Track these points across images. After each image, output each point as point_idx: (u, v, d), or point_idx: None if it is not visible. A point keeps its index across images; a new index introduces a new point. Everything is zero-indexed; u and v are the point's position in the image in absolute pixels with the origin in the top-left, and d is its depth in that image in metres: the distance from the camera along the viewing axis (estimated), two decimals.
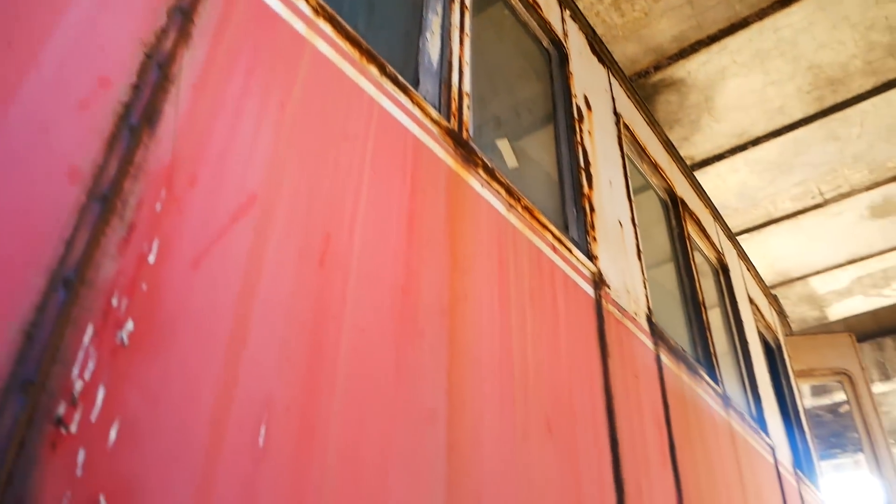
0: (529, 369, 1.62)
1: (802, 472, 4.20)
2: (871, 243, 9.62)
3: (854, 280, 10.42)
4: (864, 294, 10.77)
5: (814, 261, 9.90)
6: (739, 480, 2.83)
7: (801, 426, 4.71)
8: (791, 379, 4.99)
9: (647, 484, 2.02)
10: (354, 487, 1.05)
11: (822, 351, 5.59)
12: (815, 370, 5.54)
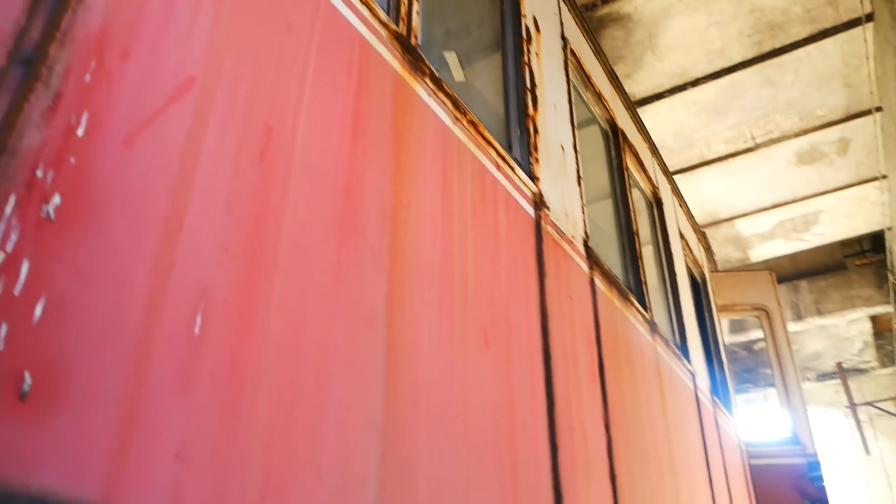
0: (469, 281, 1.63)
1: (719, 399, 4.42)
2: (794, 189, 9.97)
3: (777, 224, 10.82)
4: (784, 238, 11.22)
5: (741, 203, 10.22)
6: (661, 401, 2.95)
7: (719, 357, 4.93)
8: (713, 312, 5.20)
9: (577, 399, 2.08)
10: (292, 382, 1.04)
11: (743, 287, 5.82)
12: (736, 305, 5.78)
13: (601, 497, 2.09)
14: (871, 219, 10.82)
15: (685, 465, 3.09)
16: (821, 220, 10.76)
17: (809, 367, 16.29)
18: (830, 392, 16.84)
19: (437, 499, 1.30)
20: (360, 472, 1.13)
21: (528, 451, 1.70)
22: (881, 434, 15.96)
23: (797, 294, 12.73)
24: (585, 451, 2.05)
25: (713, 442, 3.77)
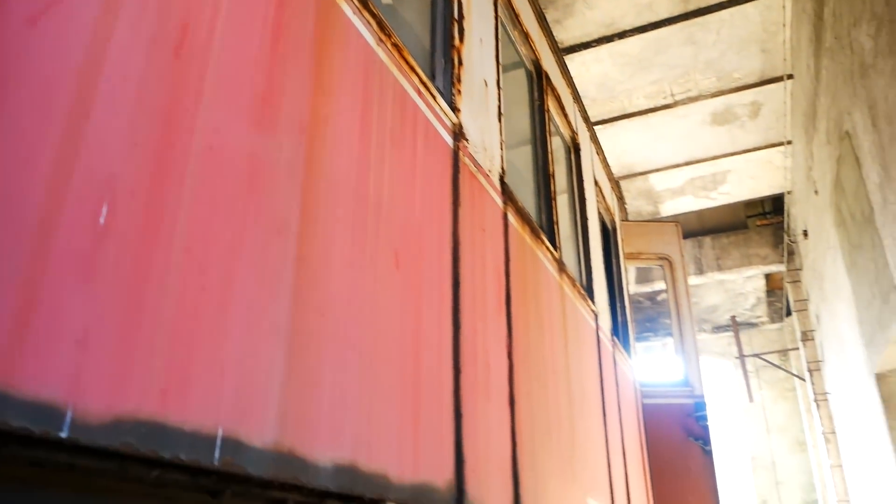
0: (383, 202, 1.65)
1: (618, 339, 4.64)
2: (707, 148, 10.33)
3: (687, 181, 11.23)
4: (694, 195, 11.66)
5: (656, 158, 10.53)
6: (563, 336, 3.09)
7: (623, 302, 5.16)
8: (621, 259, 5.41)
9: (482, 326, 2.15)
10: (199, 282, 1.05)
11: (650, 237, 6.06)
12: (643, 254, 6.02)
13: (500, 419, 2.19)
14: (774, 182, 11.35)
15: (581, 396, 3.25)
16: (728, 179, 11.22)
17: (706, 320, 17.18)
18: (723, 343, 17.85)
19: (340, 407, 1.34)
20: (264, 375, 1.16)
21: (432, 370, 1.76)
22: (765, 384, 17.08)
23: (701, 249, 13.32)
24: (487, 375, 2.13)
25: (609, 378, 3.97)
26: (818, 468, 13.91)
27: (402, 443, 1.55)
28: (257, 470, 1.10)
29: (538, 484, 2.43)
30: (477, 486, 1.93)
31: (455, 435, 1.83)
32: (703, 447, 5.33)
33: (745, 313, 16.72)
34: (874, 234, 5.99)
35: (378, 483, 1.43)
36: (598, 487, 3.28)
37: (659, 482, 5.09)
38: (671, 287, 5.91)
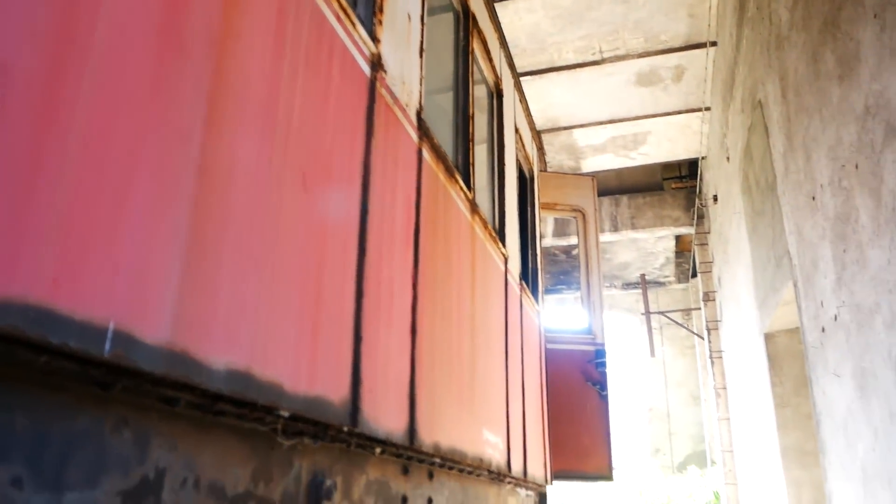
0: (293, 124, 1.67)
1: (527, 285, 4.80)
2: (630, 108, 10.57)
3: (609, 139, 11.48)
4: (615, 153, 11.95)
5: (581, 114, 10.70)
6: (471, 275, 3.18)
7: (535, 250, 5.32)
8: (536, 208, 5.55)
9: (388, 255, 2.21)
10: (96, 178, 1.06)
11: (566, 189, 6.23)
12: (558, 204, 6.19)
13: (400, 346, 2.27)
14: (691, 146, 11.74)
15: (485, 334, 3.38)
16: (648, 141, 11.54)
17: (618, 276, 17.80)
18: (632, 300, 18.58)
19: (237, 315, 1.38)
20: (160, 276, 1.18)
21: (334, 291, 1.81)
22: (667, 341, 17.92)
23: (617, 208, 13.72)
24: (391, 303, 2.20)
25: (514, 320, 4.12)
26: (708, 421, 14.79)
27: (298, 357, 1.61)
28: (149, 365, 1.13)
29: (435, 411, 2.54)
30: (373, 406, 2.01)
31: (353, 355, 1.90)
32: (599, 392, 5.61)
33: (654, 272, 17.40)
34: (775, 201, 6.32)
35: (272, 392, 1.49)
36: (494, 421, 3.44)
37: (556, 422, 5.35)
38: (582, 239, 6.11)
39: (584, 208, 6.17)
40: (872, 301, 3.79)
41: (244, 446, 1.53)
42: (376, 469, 2.20)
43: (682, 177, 13.64)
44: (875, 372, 3.85)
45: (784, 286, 6.21)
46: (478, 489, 3.36)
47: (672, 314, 16.13)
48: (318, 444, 1.79)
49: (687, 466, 15.16)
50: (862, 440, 4.22)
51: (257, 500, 1.57)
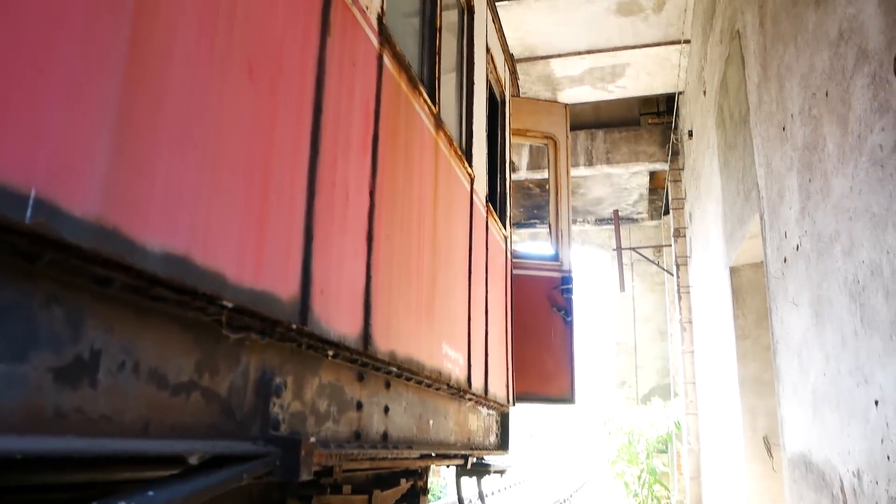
0: (239, 7, 1.60)
1: (495, 209, 4.79)
2: (609, 38, 10.41)
3: (587, 70, 11.34)
4: (592, 85, 11.83)
5: (559, 43, 10.53)
6: (433, 190, 3.16)
7: (504, 174, 5.29)
8: (507, 132, 5.49)
9: (344, 159, 2.17)
10: (12, 42, 1.01)
11: (538, 116, 6.17)
12: (530, 131, 6.14)
13: (355, 252, 2.25)
14: (669, 81, 11.65)
15: (447, 251, 3.38)
16: (626, 73, 11.42)
17: (591, 211, 17.88)
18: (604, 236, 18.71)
19: (174, 198, 1.35)
20: (87, 150, 1.14)
21: (283, 186, 1.78)
22: (637, 277, 18.15)
23: (593, 142, 13.67)
24: (345, 207, 2.18)
25: (479, 241, 4.12)
26: (674, 354, 15.14)
27: (243, 248, 1.58)
28: (75, 238, 1.10)
29: (391, 320, 2.55)
30: (324, 307, 2.00)
31: (304, 254, 1.88)
32: (564, 318, 5.69)
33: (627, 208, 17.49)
34: (747, 134, 6.32)
35: (214, 281, 1.47)
36: (455, 337, 3.47)
37: (521, 345, 5.42)
38: (553, 166, 6.09)
39: (556, 135, 6.13)
40: (833, 229, 3.84)
41: (187, 336, 1.52)
42: (330, 373, 2.21)
43: (659, 112, 13.59)
44: (831, 299, 3.92)
45: (751, 219, 6.27)
46: (437, 403, 3.41)
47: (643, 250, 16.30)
48: (267, 341, 1.79)
49: (651, 398, 15.58)
50: (814, 366, 4.34)
51: (202, 391, 1.57)
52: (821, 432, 4.28)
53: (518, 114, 6.07)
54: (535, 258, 5.86)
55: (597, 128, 13.81)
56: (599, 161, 13.56)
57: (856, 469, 3.63)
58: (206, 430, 1.57)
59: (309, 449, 1.79)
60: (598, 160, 13.56)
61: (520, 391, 5.38)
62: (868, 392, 3.37)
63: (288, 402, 1.93)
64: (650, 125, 13.64)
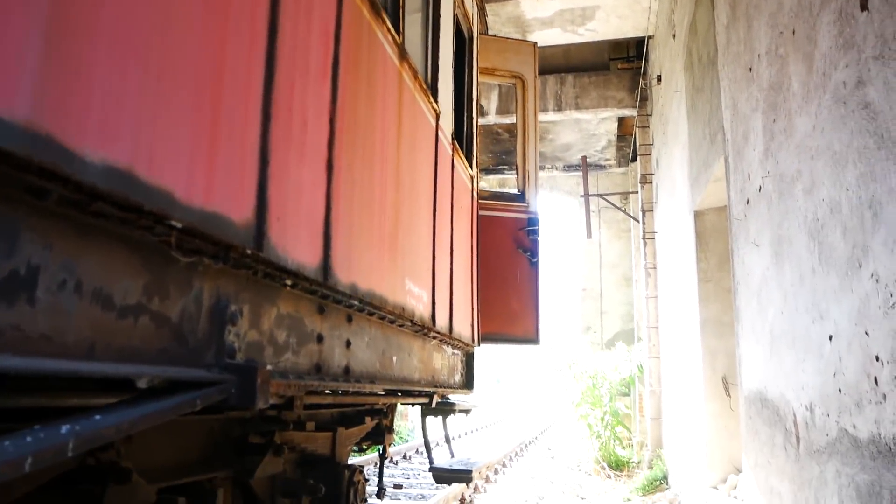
0: None
1: (461, 147, 4.72)
2: None
3: (557, 12, 11.17)
4: (562, 28, 11.67)
5: None
6: (397, 123, 3.09)
7: (471, 112, 5.21)
8: (474, 70, 5.39)
9: (302, 83, 2.10)
10: None
11: (507, 55, 6.06)
12: (498, 70, 6.04)
13: (314, 180, 2.20)
14: (639, 24, 11.53)
15: (411, 187, 3.33)
16: (597, 16, 11.27)
17: (559, 158, 17.87)
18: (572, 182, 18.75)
19: (114, 108, 1.28)
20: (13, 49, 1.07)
21: (236, 107, 1.71)
22: (604, 223, 18.28)
23: (562, 87, 13.56)
24: (303, 132, 2.11)
25: (444, 178, 4.07)
26: (638, 300, 15.37)
27: (192, 167, 1.52)
28: (5, 143, 1.04)
29: (352, 252, 2.51)
30: (282, 234, 1.95)
31: (259, 179, 1.82)
32: (530, 259, 5.70)
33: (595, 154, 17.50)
34: (715, 76, 6.30)
35: (161, 198, 1.41)
36: (419, 274, 3.44)
37: (487, 286, 5.43)
38: (521, 107, 6.02)
39: (524, 75, 6.04)
40: (795, 169, 3.86)
41: (135, 258, 1.47)
42: (288, 304, 2.18)
43: (629, 57, 13.50)
44: (791, 238, 3.97)
45: (716, 162, 6.30)
46: (401, 340, 3.40)
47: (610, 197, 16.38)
48: (220, 267, 1.74)
49: (615, 343, 15.86)
50: (773, 305, 4.42)
51: (152, 315, 1.53)
52: (776, 369, 4.38)
53: (486, 52, 5.95)
54: (502, 199, 5.84)
55: (566, 72, 13.69)
56: (568, 106, 13.48)
57: (808, 403, 3.73)
58: (157, 355, 1.53)
59: (265, 376, 1.77)
60: (568, 105, 13.48)
61: (485, 331, 5.41)
62: (823, 328, 3.44)
63: (244, 330, 1.90)
64: (620, 70, 13.56)
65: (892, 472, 2.72)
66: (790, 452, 4.13)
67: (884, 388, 2.77)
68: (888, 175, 2.64)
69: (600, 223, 18.27)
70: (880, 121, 2.69)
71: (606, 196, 16.07)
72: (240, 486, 3.14)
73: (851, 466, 3.14)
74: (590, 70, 13.74)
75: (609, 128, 15.92)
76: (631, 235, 17.18)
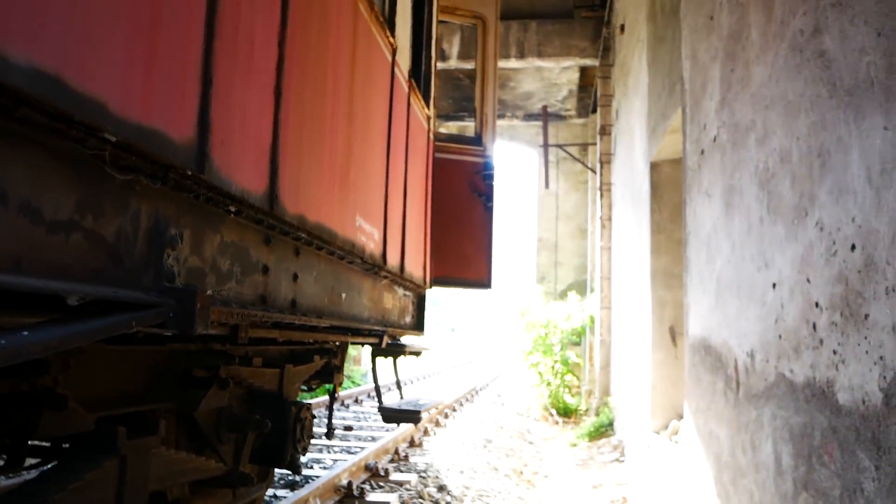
0: None
1: (418, 86, 4.64)
2: None
3: None
4: None
5: None
6: (351, 54, 3.00)
7: (430, 51, 5.11)
8: (434, 7, 5.26)
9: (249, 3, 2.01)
10: None
11: None
12: (459, 9, 5.91)
13: (261, 105, 2.13)
14: None
15: (365, 121, 3.26)
16: None
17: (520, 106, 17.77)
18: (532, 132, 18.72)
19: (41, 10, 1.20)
20: None
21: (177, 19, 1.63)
22: (562, 174, 18.36)
23: (525, 33, 13.40)
24: (250, 54, 2.03)
25: (400, 117, 4.00)
26: (592, 252, 15.57)
27: (128, 78, 1.45)
28: None
29: (300, 183, 2.45)
30: (225, 158, 1.89)
31: (201, 98, 1.75)
32: (485, 203, 5.69)
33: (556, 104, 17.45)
34: (676, 26, 6.27)
35: (93, 109, 1.34)
36: (370, 211, 3.40)
37: (440, 229, 5.41)
38: (481, 48, 5.92)
39: (486, 16, 5.93)
40: (749, 119, 3.88)
41: (66, 171, 1.40)
42: (233, 232, 2.13)
43: (593, 6, 13.37)
44: (742, 188, 4.02)
45: (674, 113, 6.32)
46: (351, 277, 3.37)
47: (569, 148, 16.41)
48: (160, 187, 1.68)
49: (568, 293, 16.10)
50: (721, 254, 4.50)
51: (85, 233, 1.47)
52: (721, 318, 4.49)
53: None
54: (459, 142, 5.78)
55: (530, 18, 13.51)
56: (531, 53, 13.35)
57: (750, 350, 3.83)
58: (90, 274, 1.48)
59: (206, 301, 1.73)
60: (530, 52, 13.35)
61: (438, 274, 5.41)
62: (767, 276, 3.52)
63: (185, 255, 1.85)
64: (584, 19, 13.43)
65: (824, 413, 2.81)
66: (730, 398, 4.26)
67: (821, 334, 2.85)
68: (838, 124, 2.66)
69: (558, 174, 18.35)
70: (834, 69, 2.70)
71: (565, 147, 16.10)
72: (184, 420, 3.11)
73: (786, 409, 3.25)
74: (553, 17, 13.58)
75: (571, 77, 15.85)
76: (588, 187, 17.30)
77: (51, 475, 2.18)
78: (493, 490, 6.77)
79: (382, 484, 6.45)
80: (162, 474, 2.70)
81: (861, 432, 2.45)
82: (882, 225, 2.31)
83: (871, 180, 2.40)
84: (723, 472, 4.35)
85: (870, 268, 2.40)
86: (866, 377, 2.41)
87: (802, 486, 3.00)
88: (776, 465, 3.35)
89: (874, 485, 2.34)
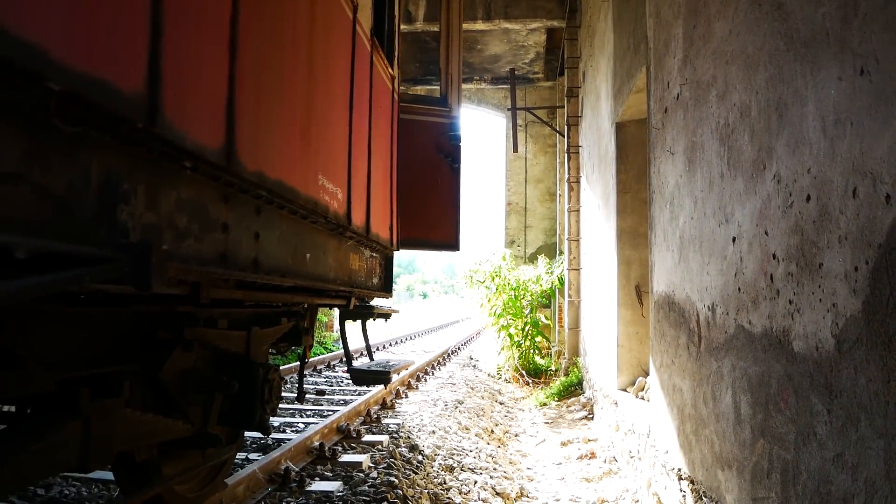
0: None
1: (381, 45, 4.58)
2: None
3: None
4: None
5: None
6: (309, 9, 2.95)
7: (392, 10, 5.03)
8: None
9: None
10: None
11: None
12: None
13: (216, 59, 2.09)
14: None
15: (326, 80, 3.22)
16: None
17: (488, 69, 17.66)
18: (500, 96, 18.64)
19: None
20: None
21: None
22: (530, 138, 18.34)
23: None
24: (203, 6, 1.99)
25: (363, 77, 3.95)
26: (560, 214, 15.64)
27: (71, 26, 1.41)
28: None
29: (259, 139, 2.42)
30: (179, 112, 1.86)
31: (151, 49, 1.71)
32: (451, 164, 5.67)
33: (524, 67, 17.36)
34: None
35: (34, 56, 1.31)
36: (333, 170, 3.37)
37: (407, 191, 5.39)
38: (445, 6, 5.85)
39: None
40: (710, 75, 3.90)
41: (11, 121, 1.36)
42: (190, 189, 2.10)
43: None
44: (703, 145, 4.06)
45: (638, 72, 6.32)
46: (315, 237, 3.35)
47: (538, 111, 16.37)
48: (110, 140, 1.65)
49: (538, 256, 16.18)
50: (684, 211, 4.55)
51: (32, 186, 1.44)
52: (684, 273, 4.55)
53: None
54: (424, 102, 5.73)
55: None
56: (498, 15, 13.22)
57: (711, 303, 3.90)
58: (39, 227, 1.45)
59: (162, 256, 1.71)
60: (497, 14, 13.22)
61: (405, 236, 5.40)
62: (727, 230, 3.57)
63: (139, 212, 1.82)
64: None
65: (780, 362, 2.89)
66: (692, 351, 4.35)
67: (778, 285, 2.91)
68: (795, 76, 2.69)
69: (527, 138, 18.33)
70: (791, 21, 2.72)
71: (534, 110, 16.07)
72: (150, 382, 3.10)
73: (745, 360, 3.33)
74: None
75: (538, 39, 15.75)
76: (557, 150, 17.32)
77: (12, 437, 2.16)
78: (464, 449, 6.86)
79: (354, 445, 6.50)
80: (127, 435, 2.70)
81: (815, 378, 2.52)
82: (836, 175, 2.35)
83: (825, 131, 2.44)
84: (686, 423, 4.45)
85: (824, 217, 2.45)
86: (820, 324, 2.48)
87: (760, 432, 3.09)
88: (735, 415, 3.44)
89: (826, 428, 2.42)
